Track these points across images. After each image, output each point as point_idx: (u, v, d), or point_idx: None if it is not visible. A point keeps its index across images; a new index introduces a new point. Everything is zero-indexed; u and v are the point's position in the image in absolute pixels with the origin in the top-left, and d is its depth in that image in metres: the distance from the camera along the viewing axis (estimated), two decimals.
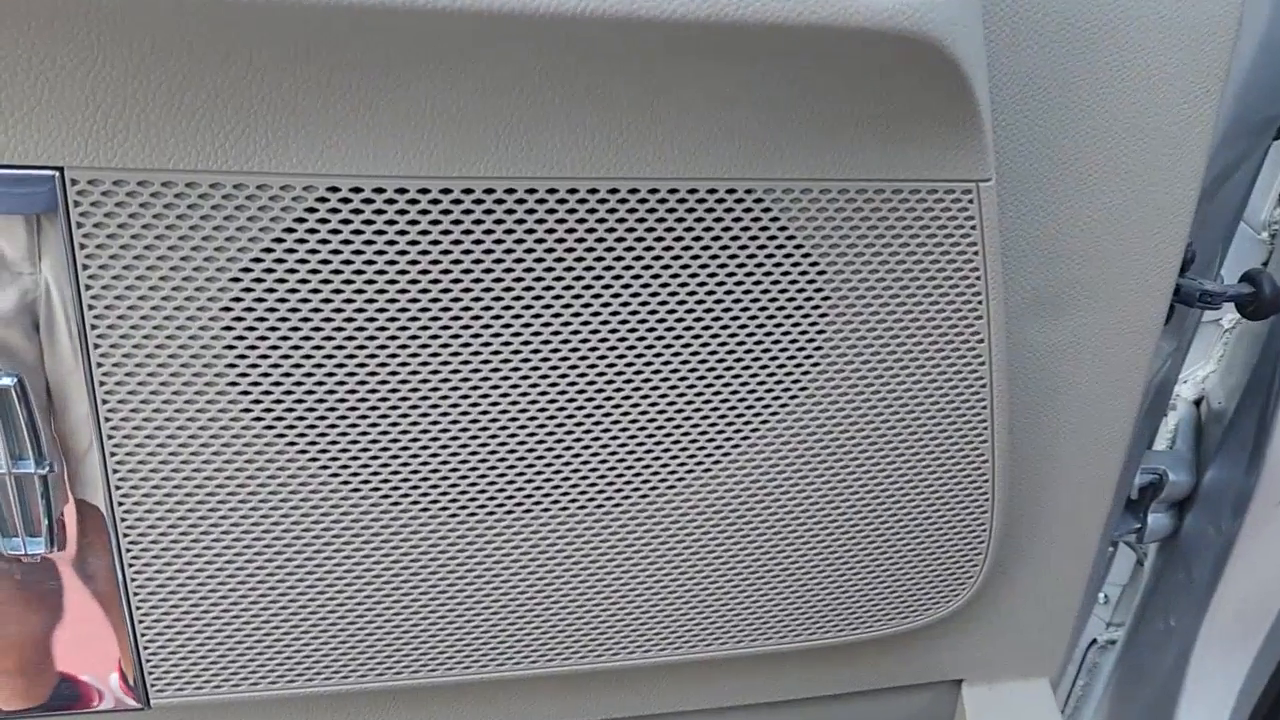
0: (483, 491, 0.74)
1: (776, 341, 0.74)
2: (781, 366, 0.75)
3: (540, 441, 0.73)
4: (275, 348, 0.66)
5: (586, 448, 0.74)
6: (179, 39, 0.55)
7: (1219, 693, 1.17)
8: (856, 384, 0.77)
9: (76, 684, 0.76)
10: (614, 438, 0.75)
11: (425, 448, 0.72)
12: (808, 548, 0.83)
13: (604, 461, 0.75)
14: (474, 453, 0.73)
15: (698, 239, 0.69)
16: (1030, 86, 0.76)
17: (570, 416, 0.73)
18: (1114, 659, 1.34)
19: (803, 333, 0.74)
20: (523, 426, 0.73)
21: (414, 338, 0.68)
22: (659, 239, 0.69)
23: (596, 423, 0.74)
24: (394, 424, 0.70)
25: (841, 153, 0.68)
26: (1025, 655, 1.02)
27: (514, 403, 0.72)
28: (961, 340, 0.77)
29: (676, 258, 0.70)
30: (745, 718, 0.97)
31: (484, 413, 0.71)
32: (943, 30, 0.60)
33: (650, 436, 0.75)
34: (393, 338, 0.67)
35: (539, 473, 0.74)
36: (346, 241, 0.64)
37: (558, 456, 0.74)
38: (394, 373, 0.68)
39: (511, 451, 0.73)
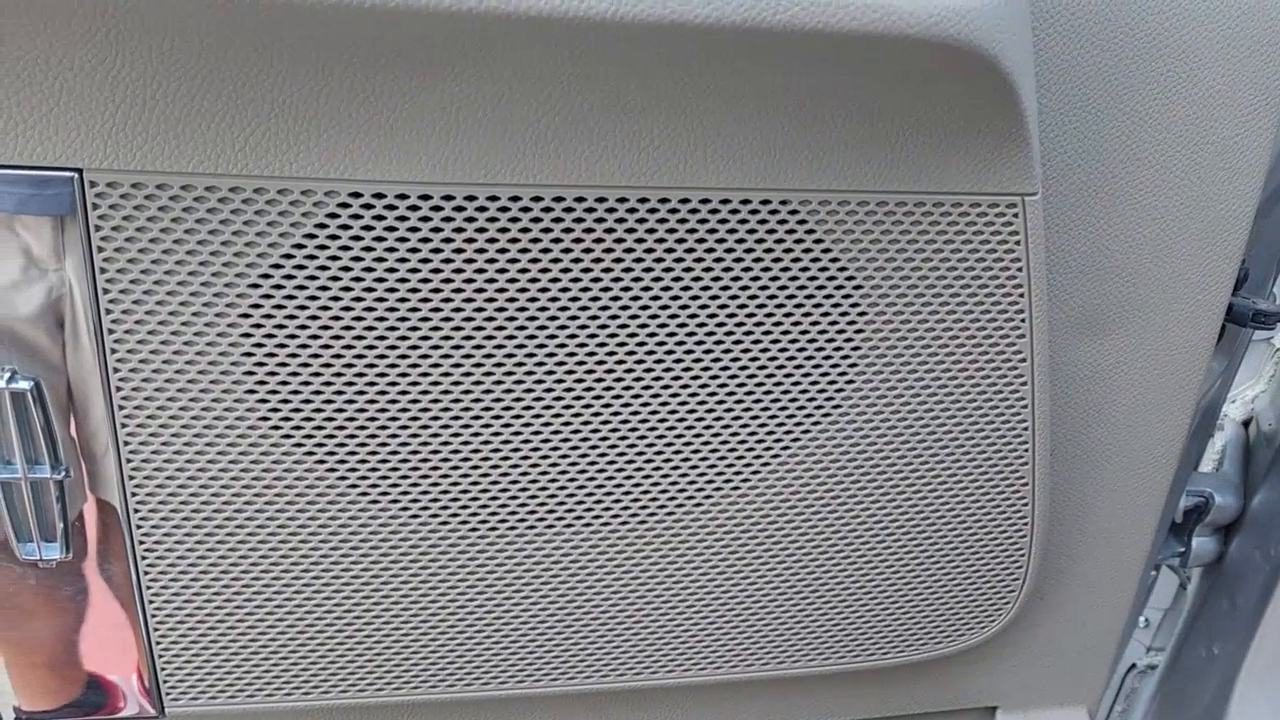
0: (504, 505, 0.73)
1: (810, 357, 0.72)
2: (815, 383, 0.73)
3: (564, 456, 0.72)
4: (294, 355, 0.65)
5: (612, 463, 0.73)
6: (198, 39, 0.54)
7: None
8: (893, 402, 0.75)
9: (92, 689, 0.75)
10: (640, 453, 0.73)
11: (446, 459, 0.70)
12: (839, 569, 0.81)
13: (629, 477, 0.73)
14: (495, 465, 0.71)
15: (730, 251, 0.67)
16: (1080, 96, 0.73)
17: (596, 430, 0.71)
18: (1153, 685, 1.30)
19: (838, 349, 0.72)
20: (546, 440, 0.71)
21: (435, 347, 0.66)
22: (689, 250, 0.67)
23: (623, 437, 0.72)
24: (414, 435, 0.69)
25: (879, 164, 0.66)
26: (1063, 682, 0.99)
27: (537, 415, 0.70)
28: (1003, 359, 0.75)
29: (708, 269, 0.68)
30: None
31: (506, 425, 0.70)
32: (989, 37, 0.58)
33: (678, 453, 0.73)
34: (414, 347, 0.66)
35: (562, 487, 0.73)
36: (368, 249, 0.62)
37: (582, 471, 0.73)
38: (415, 382, 0.67)
39: (535, 465, 0.72)
